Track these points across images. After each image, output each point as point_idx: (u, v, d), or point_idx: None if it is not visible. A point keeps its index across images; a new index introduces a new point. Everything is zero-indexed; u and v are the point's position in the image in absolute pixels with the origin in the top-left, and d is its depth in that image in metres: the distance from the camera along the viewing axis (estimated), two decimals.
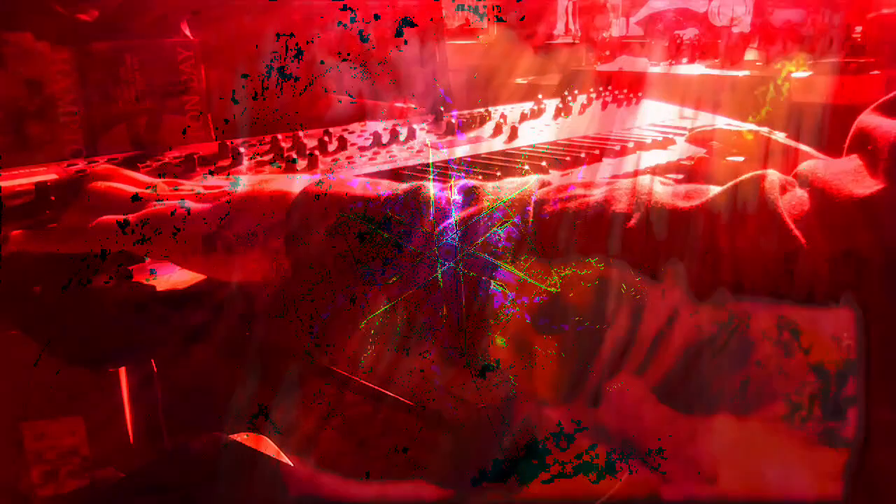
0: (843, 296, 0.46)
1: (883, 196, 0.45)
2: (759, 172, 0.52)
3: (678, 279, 0.49)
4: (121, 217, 0.61)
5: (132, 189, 0.67)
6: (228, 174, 0.85)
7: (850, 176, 0.49)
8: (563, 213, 0.53)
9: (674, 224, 0.50)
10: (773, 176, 0.52)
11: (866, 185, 0.47)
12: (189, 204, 0.62)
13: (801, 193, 0.51)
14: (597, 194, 0.54)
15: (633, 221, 0.51)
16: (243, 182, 0.66)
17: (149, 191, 0.66)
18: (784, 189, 0.51)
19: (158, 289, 0.65)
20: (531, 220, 0.54)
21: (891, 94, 0.53)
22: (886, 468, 0.48)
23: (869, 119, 0.53)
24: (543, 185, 0.57)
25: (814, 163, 0.53)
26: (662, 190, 0.53)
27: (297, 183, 0.61)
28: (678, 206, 0.51)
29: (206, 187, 0.67)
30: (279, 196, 0.60)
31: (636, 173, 0.94)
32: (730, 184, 0.51)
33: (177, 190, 0.66)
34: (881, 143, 0.48)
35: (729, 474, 0.52)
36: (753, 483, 0.51)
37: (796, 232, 0.47)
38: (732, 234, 0.49)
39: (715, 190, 0.52)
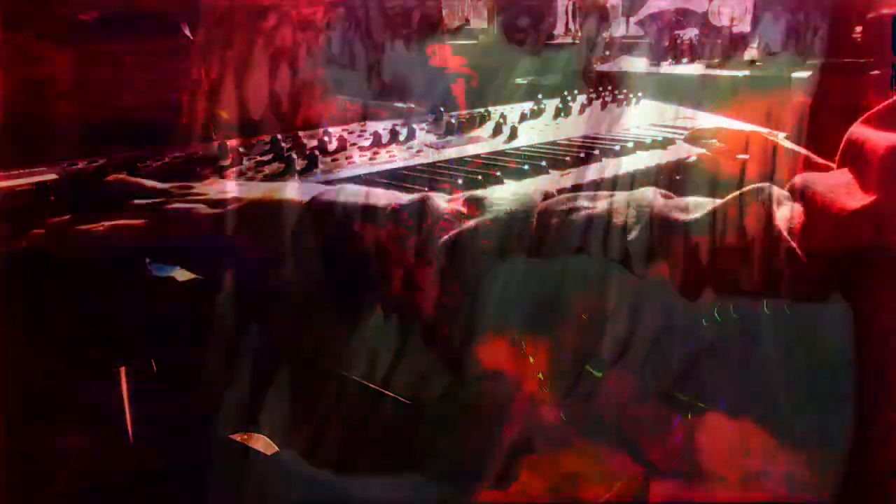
0: (837, 298, 0.47)
1: (873, 208, 0.47)
2: (755, 186, 0.53)
3: (674, 282, 0.50)
4: (133, 222, 0.62)
5: (149, 182, 0.69)
6: (224, 174, 0.85)
7: (843, 189, 0.50)
8: (566, 224, 0.54)
9: (672, 235, 0.51)
10: (768, 189, 0.53)
11: (858, 199, 0.48)
12: (201, 208, 0.63)
13: (795, 207, 0.52)
14: (599, 206, 0.55)
15: (633, 233, 0.52)
16: (254, 188, 0.67)
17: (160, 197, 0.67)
18: (780, 203, 0.52)
19: (159, 289, 0.65)
20: (534, 230, 0.55)
21: (879, 106, 0.54)
22: (882, 466, 0.48)
23: (858, 131, 0.54)
24: (547, 196, 0.58)
25: (808, 176, 0.54)
26: (662, 203, 0.54)
27: (306, 190, 0.62)
28: (678, 219, 0.52)
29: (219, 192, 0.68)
30: (288, 203, 0.61)
31: (637, 179, 0.95)
32: (728, 198, 0.52)
33: (187, 195, 0.67)
34: (870, 157, 0.50)
35: (724, 473, 0.52)
36: (749, 482, 0.51)
37: (792, 244, 0.48)
38: (728, 244, 0.50)
39: (712, 203, 0.53)
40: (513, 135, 1.08)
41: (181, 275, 0.65)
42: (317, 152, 0.91)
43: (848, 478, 0.48)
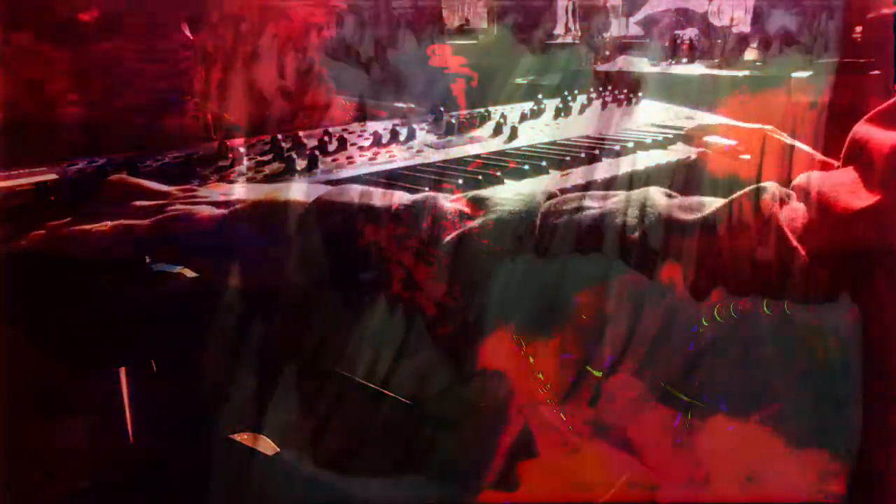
0: (840, 298, 0.47)
1: (878, 207, 0.47)
2: (759, 185, 0.53)
3: (677, 282, 0.50)
4: (134, 223, 0.62)
5: (150, 183, 0.69)
6: (224, 174, 0.85)
7: (847, 188, 0.50)
8: (569, 224, 0.54)
9: (675, 235, 0.51)
10: (772, 188, 0.53)
11: (862, 198, 0.48)
12: (204, 209, 0.63)
13: (799, 206, 0.52)
14: (602, 206, 0.54)
15: (636, 234, 0.52)
16: (257, 190, 0.67)
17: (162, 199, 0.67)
18: (782, 202, 0.52)
19: (160, 289, 0.65)
20: (537, 230, 0.54)
21: (884, 104, 0.54)
22: (887, 467, 0.48)
23: (863, 130, 0.54)
24: (551, 196, 0.58)
25: (812, 175, 0.54)
26: (665, 202, 0.54)
27: (308, 190, 0.62)
28: (680, 219, 0.52)
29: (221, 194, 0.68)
30: (293, 204, 0.61)
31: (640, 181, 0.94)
32: (731, 197, 0.52)
33: (190, 196, 0.67)
34: (875, 156, 0.50)
35: (727, 475, 0.52)
36: (751, 483, 0.51)
37: (795, 243, 0.48)
38: (732, 243, 0.50)
39: (716, 203, 0.52)
40: (513, 135, 1.08)
41: (183, 274, 0.65)
42: (317, 152, 0.91)
43: (852, 478, 0.48)
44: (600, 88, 1.43)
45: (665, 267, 0.51)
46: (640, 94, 1.42)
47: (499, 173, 0.87)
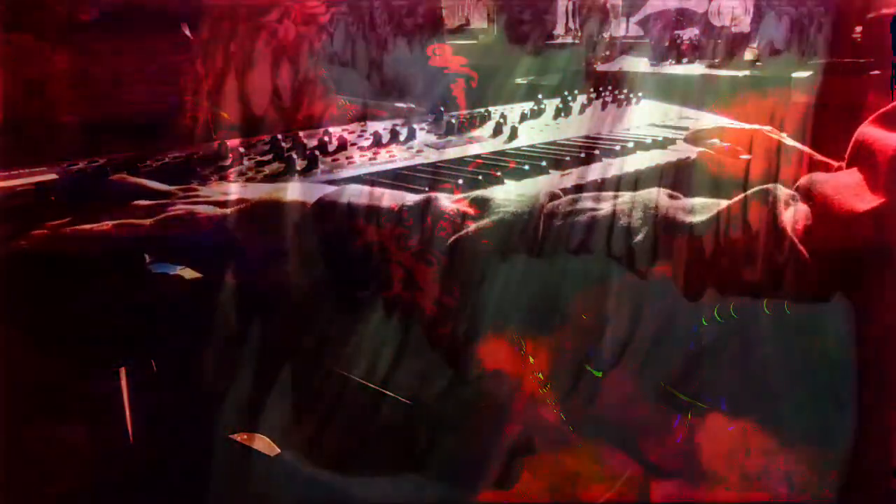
0: (842, 299, 0.47)
1: (882, 210, 0.47)
2: (762, 188, 0.53)
3: (681, 283, 0.50)
4: (136, 222, 0.62)
5: (151, 183, 0.69)
6: (224, 174, 0.85)
7: (851, 190, 0.50)
8: (573, 226, 0.54)
9: (680, 236, 0.51)
10: (777, 191, 0.53)
11: (866, 200, 0.48)
12: (206, 209, 0.63)
13: (803, 208, 0.52)
14: (605, 208, 0.54)
15: (641, 235, 0.52)
16: (259, 190, 0.68)
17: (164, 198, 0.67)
18: (787, 204, 0.52)
19: (162, 288, 0.65)
20: (540, 231, 0.55)
21: (889, 106, 0.54)
22: (882, 465, 0.48)
23: (869, 132, 0.54)
24: (553, 197, 0.58)
25: (815, 176, 0.54)
26: (668, 203, 0.54)
27: (310, 190, 0.63)
28: (685, 220, 0.52)
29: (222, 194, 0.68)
30: (293, 204, 0.61)
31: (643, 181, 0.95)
32: (735, 199, 0.52)
33: (192, 196, 0.67)
34: (880, 158, 0.50)
35: (724, 473, 0.52)
36: (749, 482, 0.51)
37: (800, 246, 0.48)
38: (737, 245, 0.50)
39: (720, 204, 0.52)
40: (513, 135, 1.08)
41: (184, 274, 0.65)
42: (317, 152, 0.91)
43: (848, 476, 0.48)
44: (600, 88, 1.43)
45: (669, 268, 0.51)
46: (640, 94, 1.42)
47: (499, 173, 0.87)
